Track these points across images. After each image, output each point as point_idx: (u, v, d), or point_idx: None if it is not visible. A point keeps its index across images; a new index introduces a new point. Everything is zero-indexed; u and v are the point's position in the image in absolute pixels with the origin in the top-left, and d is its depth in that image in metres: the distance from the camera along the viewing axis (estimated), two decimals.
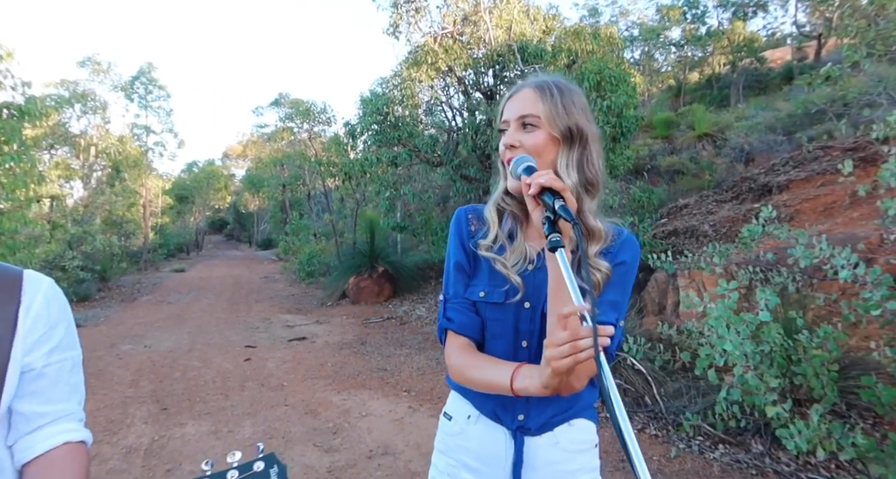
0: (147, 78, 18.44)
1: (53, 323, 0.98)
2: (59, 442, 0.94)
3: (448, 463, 1.19)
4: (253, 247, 35.79)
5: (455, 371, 1.11)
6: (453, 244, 1.21)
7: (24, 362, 0.93)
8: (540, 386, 0.91)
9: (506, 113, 1.11)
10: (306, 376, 5.66)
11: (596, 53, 7.56)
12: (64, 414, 0.97)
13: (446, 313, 1.15)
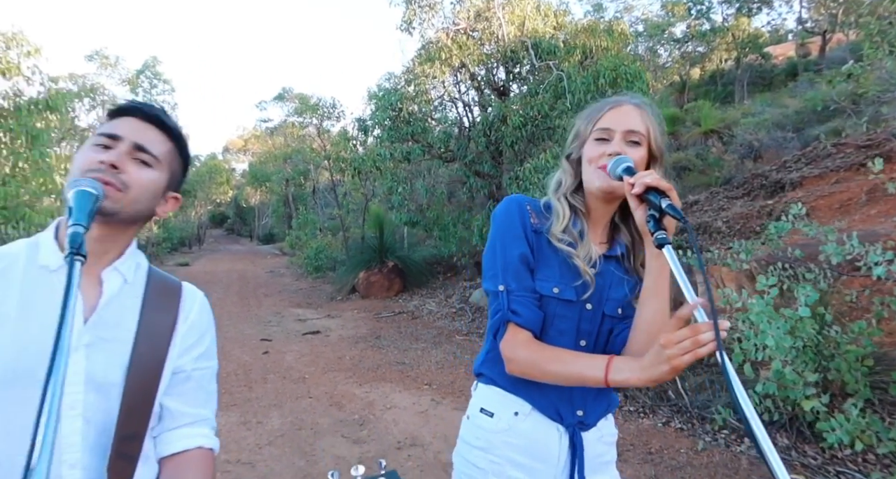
0: (152, 72, 18.42)
1: (203, 332, 1.07)
2: (194, 445, 1.02)
3: (491, 461, 1.17)
4: (254, 241, 35.79)
5: (526, 364, 1.10)
6: (513, 234, 1.17)
7: (177, 364, 1.01)
8: (646, 380, 0.94)
9: (609, 122, 1.14)
10: (326, 369, 5.72)
11: (611, 50, 7.58)
12: (201, 419, 1.05)
13: (511, 306, 1.12)
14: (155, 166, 0.96)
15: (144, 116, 0.96)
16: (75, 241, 0.75)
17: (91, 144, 0.92)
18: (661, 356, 0.91)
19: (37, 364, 0.86)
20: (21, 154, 4.96)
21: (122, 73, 16.29)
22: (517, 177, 6.82)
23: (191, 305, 1.06)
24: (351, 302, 10.20)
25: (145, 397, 0.95)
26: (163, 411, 1.01)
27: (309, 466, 3.52)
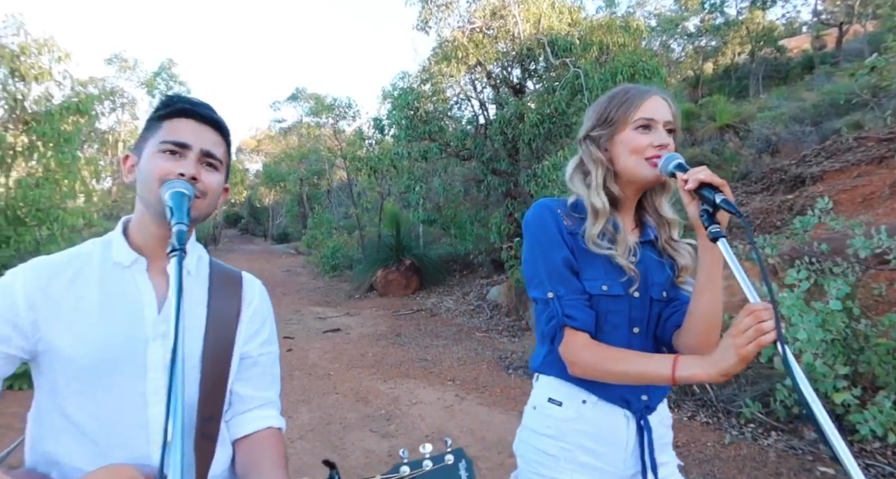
0: (168, 74, 18.62)
1: (265, 318, 1.14)
2: (264, 426, 1.09)
3: (562, 447, 1.21)
4: (269, 241, 36.04)
5: (590, 366, 1.13)
6: (551, 240, 1.20)
7: (244, 350, 1.08)
8: (716, 374, 0.97)
9: (652, 112, 1.17)
10: (350, 365, 5.80)
11: (628, 46, 7.58)
12: (268, 401, 1.12)
13: (564, 311, 1.15)
14: (219, 169, 1.04)
15: (202, 118, 1.01)
16: (180, 238, 0.82)
17: (158, 150, 0.97)
18: (727, 348, 0.95)
19: (120, 353, 0.94)
20: (53, 157, 5.10)
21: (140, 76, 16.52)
22: (535, 174, 6.85)
23: (252, 292, 1.13)
24: (369, 300, 10.30)
25: (219, 380, 1.02)
26: (232, 396, 1.07)
27: (340, 459, 3.59)
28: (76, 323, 0.93)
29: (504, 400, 4.60)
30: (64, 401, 0.92)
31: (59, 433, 0.92)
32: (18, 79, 5.03)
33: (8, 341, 0.90)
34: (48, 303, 0.93)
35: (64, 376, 0.92)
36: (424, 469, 0.90)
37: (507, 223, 7.74)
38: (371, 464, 3.52)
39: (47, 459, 0.93)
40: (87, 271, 0.98)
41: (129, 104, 15.98)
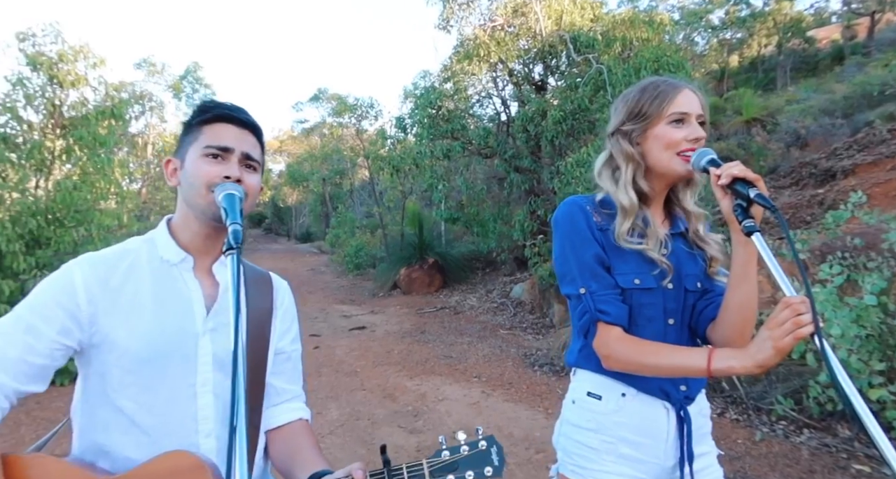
0: (193, 77, 18.97)
1: (293, 317, 1.22)
2: (296, 417, 1.15)
3: (604, 440, 1.22)
4: (292, 240, 36.48)
5: (624, 359, 1.15)
6: (581, 237, 1.22)
7: (278, 346, 1.15)
8: (753, 366, 0.98)
9: (685, 106, 1.18)
10: (376, 362, 5.87)
11: (652, 41, 7.50)
12: (297, 395, 1.19)
13: (597, 306, 1.17)
14: (258, 170, 1.09)
15: (240, 122, 1.07)
16: (237, 237, 0.87)
17: (202, 155, 1.02)
18: (764, 341, 0.96)
19: (172, 347, 1.00)
20: (89, 160, 5.27)
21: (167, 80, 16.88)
22: (558, 171, 6.83)
23: (282, 293, 1.20)
24: (393, 298, 10.38)
25: (259, 373, 1.09)
26: (267, 388, 1.13)
27: (370, 454, 3.65)
28: (133, 316, 0.98)
29: (530, 397, 4.62)
30: (115, 393, 0.97)
31: (109, 424, 0.97)
32: (57, 85, 5.22)
33: (68, 334, 0.95)
34: (106, 297, 0.97)
35: (118, 369, 0.96)
36: (462, 454, 0.96)
37: (530, 221, 7.73)
38: (400, 459, 3.55)
39: (96, 449, 0.98)
40: (139, 267, 1.03)
41: (157, 108, 16.34)
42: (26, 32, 5.19)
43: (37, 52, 5.16)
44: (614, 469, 1.22)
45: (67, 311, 0.95)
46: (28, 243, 4.85)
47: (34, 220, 4.78)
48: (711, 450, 1.31)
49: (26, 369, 0.92)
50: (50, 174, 5.26)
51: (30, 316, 0.94)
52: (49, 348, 0.93)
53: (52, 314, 0.94)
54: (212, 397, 1.01)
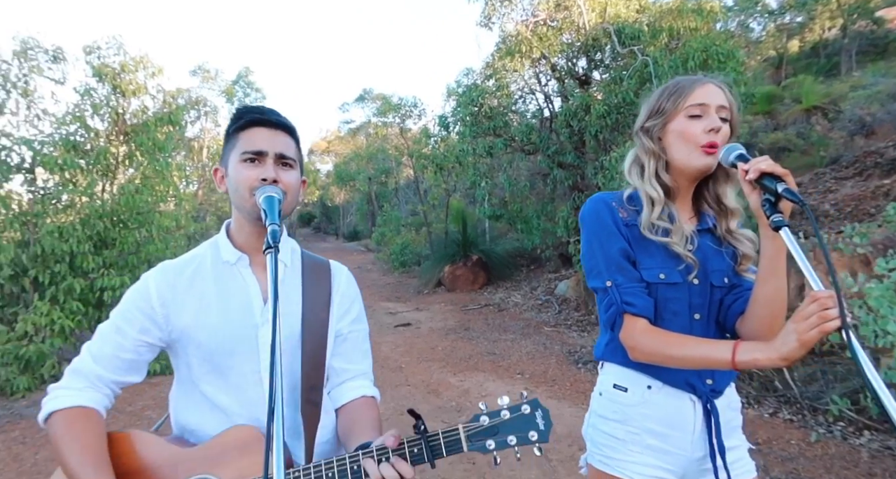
0: (245, 82, 19.64)
1: (353, 300, 1.28)
2: (359, 395, 1.22)
3: (629, 431, 1.24)
4: (340, 239, 37.24)
5: (650, 351, 1.16)
6: (607, 232, 1.23)
7: (337, 328, 1.22)
8: (777, 358, 0.98)
9: (703, 98, 1.18)
10: (421, 358, 5.96)
11: (700, 30, 7.27)
12: (360, 373, 1.25)
13: (623, 298, 1.18)
14: (294, 166, 1.15)
15: (273, 124, 1.13)
16: (275, 237, 0.94)
17: (240, 160, 1.10)
18: (789, 333, 0.95)
19: (237, 339, 1.10)
20: (149, 165, 5.57)
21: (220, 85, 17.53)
22: (602, 166, 6.73)
23: (339, 278, 1.27)
24: (437, 295, 10.46)
25: (318, 354, 1.17)
26: (329, 370, 1.21)
27: None
28: (201, 313, 1.10)
29: (573, 394, 4.59)
30: (198, 380, 1.10)
31: (197, 406, 1.11)
32: (119, 94, 5.54)
33: (148, 332, 1.10)
34: (176, 299, 1.11)
35: (197, 359, 1.10)
36: (503, 418, 0.97)
37: (574, 217, 7.64)
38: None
39: (188, 428, 1.12)
40: (203, 270, 1.15)
41: (211, 113, 17.02)
42: (92, 46, 5.54)
43: (102, 64, 5.50)
44: (640, 460, 1.23)
45: (145, 313, 1.10)
46: (96, 243, 5.18)
47: (101, 222, 5.10)
48: (742, 444, 1.30)
49: (119, 364, 1.10)
50: (114, 179, 5.60)
51: (118, 320, 1.11)
52: (134, 345, 1.10)
53: (134, 317, 1.10)
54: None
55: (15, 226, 4.85)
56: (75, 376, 1.08)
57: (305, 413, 1.12)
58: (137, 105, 5.72)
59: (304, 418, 1.12)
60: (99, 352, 1.09)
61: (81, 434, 1.01)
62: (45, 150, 5.02)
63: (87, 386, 1.07)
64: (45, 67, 5.27)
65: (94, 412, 1.06)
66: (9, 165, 4.90)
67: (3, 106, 5.02)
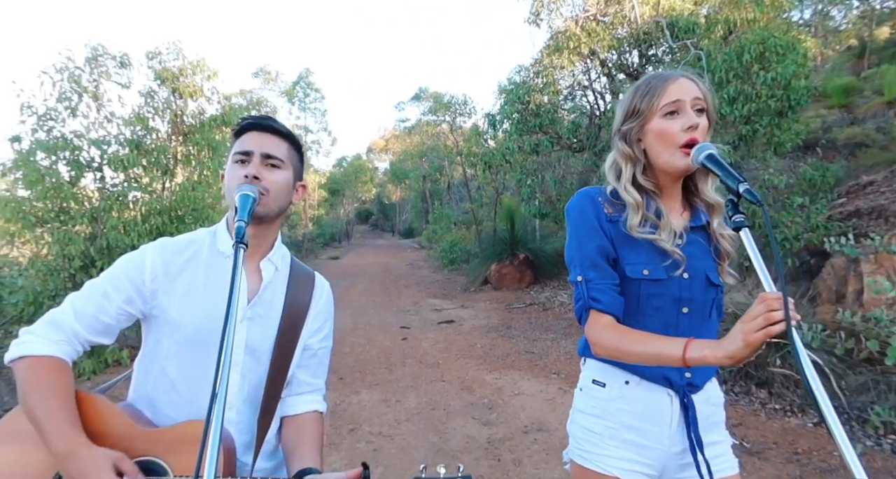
0: (305, 82, 20.34)
1: (326, 318, 1.33)
2: (311, 409, 1.27)
3: (607, 426, 1.25)
4: (396, 236, 37.86)
5: (608, 346, 1.16)
6: (588, 227, 1.23)
7: (307, 343, 1.27)
8: (724, 357, 0.98)
9: (677, 94, 1.16)
10: (459, 355, 6.01)
11: (759, 21, 6.93)
12: (317, 388, 1.31)
13: (590, 294, 1.19)
14: (282, 167, 1.20)
15: (261, 128, 1.20)
16: (239, 233, 0.98)
17: (232, 162, 1.17)
18: (736, 333, 0.95)
19: (214, 330, 1.11)
20: (205, 163, 5.90)
21: (280, 86, 18.27)
22: None
23: (320, 293, 1.31)
24: (483, 293, 10.49)
25: (284, 365, 1.22)
26: (291, 379, 1.26)
27: (441, 442, 3.78)
28: (186, 299, 1.15)
29: None
30: (164, 358, 1.16)
31: (158, 382, 1.16)
32: (178, 96, 5.91)
33: (132, 303, 1.14)
34: (167, 278, 1.16)
35: (168, 340, 1.15)
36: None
37: None
38: (470, 449, 3.67)
39: (147, 400, 1.17)
40: (198, 256, 1.20)
41: (271, 113, 17.75)
42: (154, 51, 5.94)
43: (163, 68, 5.88)
44: (618, 454, 1.24)
45: (134, 285, 1.14)
46: (155, 238, 5.52)
47: (160, 217, 5.46)
48: (724, 439, 1.29)
49: (96, 325, 1.13)
50: (173, 177, 5.98)
51: (107, 285, 1.14)
52: (116, 312, 1.14)
53: (122, 285, 1.14)
54: (239, 378, 1.17)
55: (85, 220, 5.27)
56: (53, 327, 1.10)
57: (261, 421, 1.18)
58: (194, 107, 6.09)
59: (259, 420, 1.18)
60: (82, 310, 1.12)
61: (54, 385, 1.04)
62: (112, 150, 5.42)
63: (62, 340, 1.09)
64: (112, 73, 5.69)
65: (66, 365, 1.09)
66: (81, 164, 5.32)
67: (77, 109, 5.46)
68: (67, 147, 5.30)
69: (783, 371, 3.99)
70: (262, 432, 1.18)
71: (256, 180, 1.14)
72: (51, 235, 5.20)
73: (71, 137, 5.37)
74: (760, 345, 0.93)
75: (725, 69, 6.19)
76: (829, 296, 5.43)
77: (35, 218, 5.23)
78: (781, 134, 6.21)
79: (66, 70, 5.45)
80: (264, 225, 1.20)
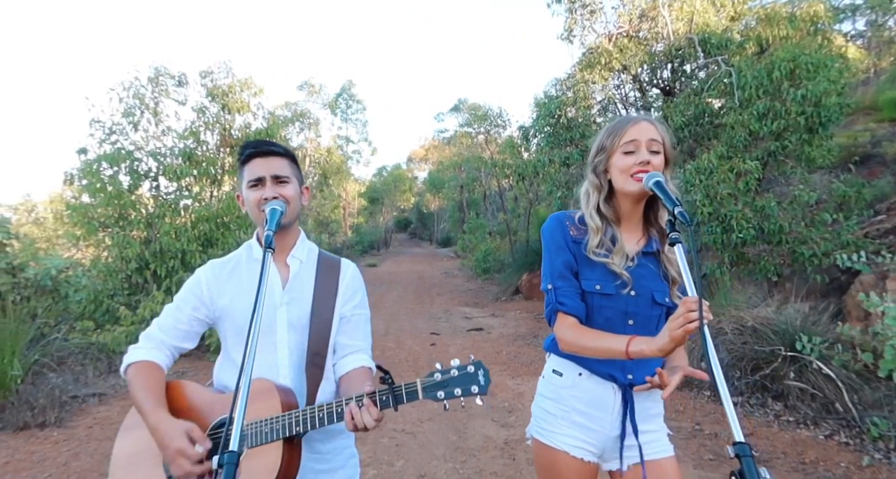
0: (348, 94, 21.02)
1: (356, 289, 1.60)
2: (358, 365, 1.52)
3: (560, 409, 1.49)
4: (433, 245, 38.21)
5: (569, 342, 1.40)
6: (556, 245, 1.48)
7: (341, 312, 1.55)
8: (656, 350, 1.21)
9: (634, 135, 1.40)
10: (484, 361, 6.20)
11: (791, 39, 6.95)
12: (360, 348, 1.57)
13: (558, 299, 1.43)
14: (290, 181, 1.48)
15: (264, 153, 1.47)
16: (268, 240, 1.26)
17: (248, 188, 1.45)
18: (665, 330, 1.19)
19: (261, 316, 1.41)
20: None
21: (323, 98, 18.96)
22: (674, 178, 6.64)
23: (345, 272, 1.60)
24: (514, 302, 10.65)
25: (324, 330, 1.50)
26: (336, 345, 1.54)
27: (460, 441, 4.00)
28: (237, 298, 1.47)
29: None
30: (231, 349, 1.49)
31: (229, 368, 1.48)
32: (227, 112, 6.38)
33: (198, 310, 1.49)
34: (219, 286, 1.49)
35: (230, 332, 1.48)
36: (452, 375, 1.22)
37: None
38: (487, 448, 3.88)
39: (223, 384, 1.50)
40: (239, 265, 1.53)
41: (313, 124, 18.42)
42: (206, 70, 6.46)
43: (214, 86, 6.37)
44: (568, 433, 1.48)
45: (196, 296, 1.49)
46: (203, 243, 5.99)
47: (208, 224, 5.90)
48: (660, 428, 1.51)
49: (176, 333, 1.48)
50: (220, 186, 6.44)
51: (178, 301, 1.50)
52: (188, 319, 1.48)
53: (188, 299, 1.49)
54: (287, 351, 1.46)
55: (141, 226, 5.75)
56: (146, 339, 1.48)
57: (308, 372, 1.46)
58: (241, 121, 6.55)
59: (308, 376, 1.45)
60: (163, 323, 1.49)
61: (147, 380, 1.40)
62: (167, 161, 5.91)
63: (153, 347, 1.46)
64: (171, 90, 6.21)
65: (157, 365, 1.44)
66: (139, 174, 5.82)
67: (138, 124, 5.98)
68: (128, 158, 5.81)
69: (799, 385, 4.05)
70: (312, 385, 1.46)
71: (276, 199, 1.41)
72: (111, 239, 5.71)
73: (132, 149, 5.89)
74: (682, 339, 1.15)
75: (755, 86, 6.25)
76: (858, 313, 5.40)
77: (98, 223, 5.75)
78: (812, 151, 6.20)
79: (132, 88, 5.99)
80: (284, 230, 1.48)
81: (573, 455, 1.46)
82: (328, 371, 1.51)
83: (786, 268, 6.21)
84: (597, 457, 1.49)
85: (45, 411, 4.37)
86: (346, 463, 1.53)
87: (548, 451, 1.49)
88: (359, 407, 1.22)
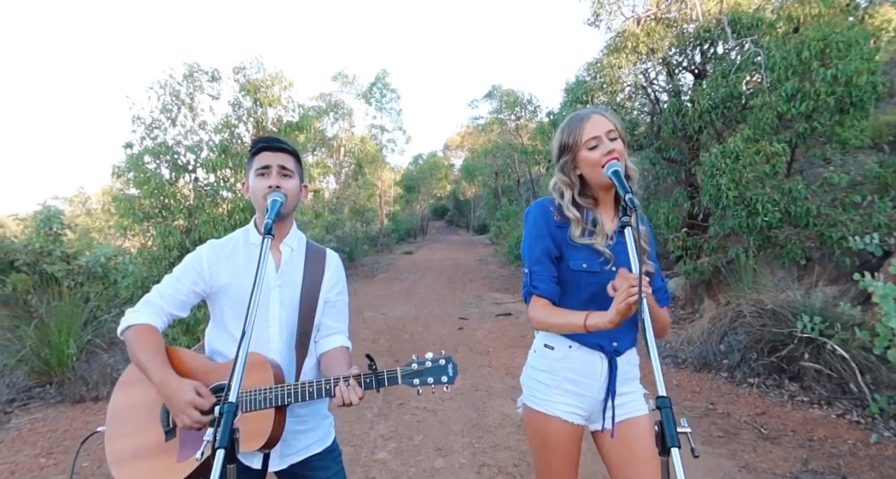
0: (382, 83, 21.26)
1: (339, 278, 1.80)
2: (338, 345, 1.73)
3: (554, 379, 1.62)
4: (470, 232, 38.35)
5: (539, 319, 1.57)
6: (537, 232, 1.61)
7: (326, 296, 1.74)
8: (607, 322, 1.37)
9: (593, 130, 1.55)
10: (508, 345, 6.39)
11: (823, 17, 6.75)
12: (339, 330, 1.77)
13: (533, 282, 1.58)
14: (292, 176, 1.65)
15: (273, 148, 1.64)
16: (267, 227, 1.45)
17: (255, 175, 1.62)
18: (613, 305, 1.35)
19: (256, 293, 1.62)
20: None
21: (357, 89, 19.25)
22: (699, 163, 6.61)
23: (330, 262, 1.77)
24: None
25: (310, 311, 1.68)
26: (320, 326, 1.73)
27: (479, 418, 4.21)
28: (234, 277, 1.63)
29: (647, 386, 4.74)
30: (227, 321, 1.64)
31: (224, 337, 1.64)
32: (259, 106, 6.68)
33: (196, 284, 1.63)
34: (219, 264, 1.65)
35: (227, 306, 1.63)
36: (426, 366, 1.46)
37: (675, 214, 7.50)
38: (504, 425, 4.07)
39: (216, 351, 1.66)
40: (237, 247, 1.69)
41: (347, 115, 18.75)
42: (239, 66, 6.76)
43: (246, 81, 6.67)
44: (561, 400, 1.63)
45: (196, 271, 1.61)
46: None
47: (243, 213, 6.23)
48: (637, 390, 1.68)
49: (174, 302, 1.61)
50: None
51: (178, 273, 1.63)
52: (186, 291, 1.61)
53: (189, 273, 1.62)
54: (278, 328, 1.64)
55: (182, 216, 6.13)
56: (146, 305, 1.58)
57: (297, 350, 1.65)
58: (273, 114, 6.84)
59: (296, 352, 1.65)
60: (164, 292, 1.60)
61: (150, 341, 1.51)
62: (204, 154, 6.26)
63: (153, 312, 1.57)
64: (205, 86, 6.54)
65: (157, 329, 1.56)
66: (179, 167, 6.19)
67: (176, 119, 6.35)
68: (168, 152, 6.18)
69: (815, 365, 4.08)
70: (299, 360, 1.65)
71: (279, 189, 1.59)
72: (155, 229, 6.10)
73: (171, 143, 6.26)
74: (627, 311, 1.30)
75: (784, 66, 6.13)
76: None
77: (143, 214, 6.14)
78: (844, 132, 6.06)
79: (168, 86, 6.35)
80: (281, 220, 1.65)
81: (564, 419, 1.61)
82: (312, 348, 1.70)
83: (815, 251, 6.12)
84: (584, 419, 1.64)
85: (97, 386, 4.83)
86: (321, 424, 1.71)
87: (541, 417, 1.64)
88: (346, 386, 1.43)
